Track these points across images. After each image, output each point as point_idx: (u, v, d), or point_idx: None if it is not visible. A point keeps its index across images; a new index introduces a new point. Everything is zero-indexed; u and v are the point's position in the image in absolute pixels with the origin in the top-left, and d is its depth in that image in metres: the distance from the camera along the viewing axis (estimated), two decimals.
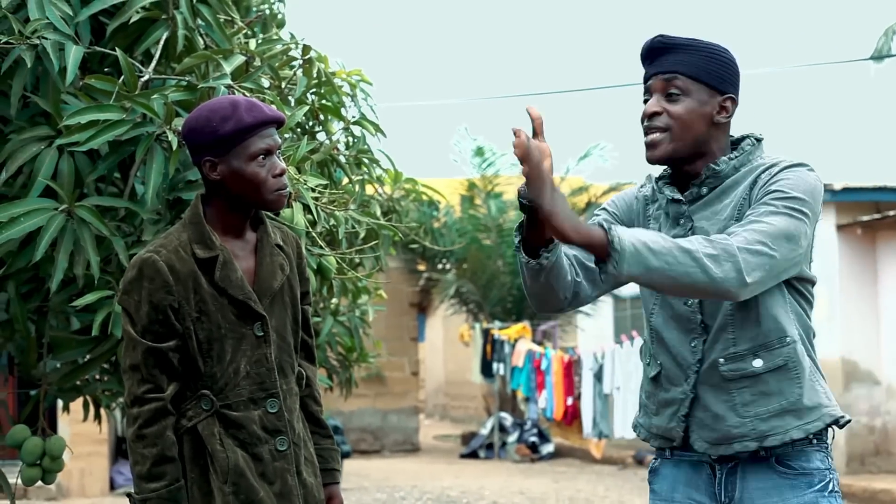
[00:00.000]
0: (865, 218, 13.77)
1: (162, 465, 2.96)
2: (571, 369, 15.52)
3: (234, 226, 3.10)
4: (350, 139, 4.59)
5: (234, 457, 3.02)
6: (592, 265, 2.94)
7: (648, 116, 2.95)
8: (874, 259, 14.03)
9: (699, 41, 2.97)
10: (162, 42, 3.77)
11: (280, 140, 3.07)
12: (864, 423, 13.82)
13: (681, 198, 2.98)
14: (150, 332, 2.99)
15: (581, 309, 20.46)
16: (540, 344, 17.87)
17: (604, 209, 3.16)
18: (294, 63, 4.31)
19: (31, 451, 4.02)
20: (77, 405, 4.68)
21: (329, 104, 4.33)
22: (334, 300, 5.08)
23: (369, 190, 5.25)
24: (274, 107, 3.05)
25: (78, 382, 4.24)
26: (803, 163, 2.89)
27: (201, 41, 3.95)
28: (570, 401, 15.48)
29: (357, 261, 4.75)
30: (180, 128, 3.41)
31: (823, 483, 2.89)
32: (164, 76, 3.79)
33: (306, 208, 3.80)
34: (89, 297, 3.55)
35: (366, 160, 4.59)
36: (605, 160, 20.27)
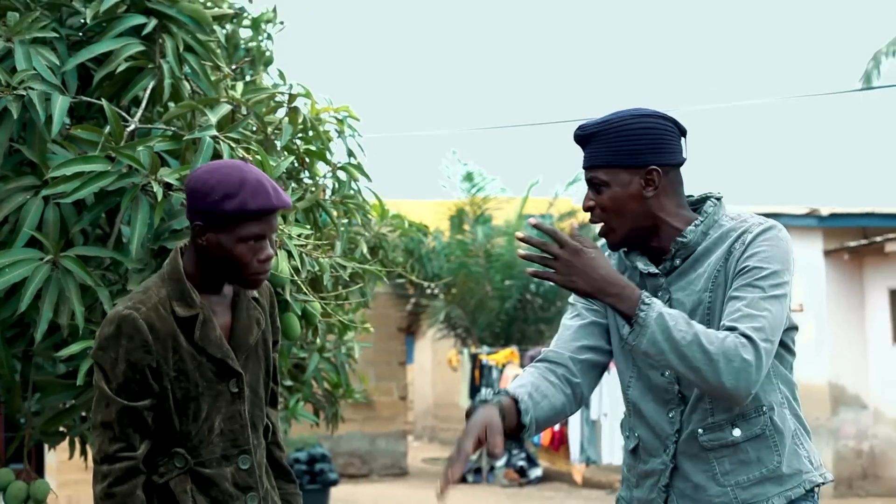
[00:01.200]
0: (853, 244, 13.83)
1: None
2: None
3: (212, 282, 3.07)
4: (336, 183, 4.61)
5: None
6: (583, 357, 3.06)
7: (586, 211, 2.98)
8: (861, 284, 14.10)
9: (611, 121, 2.92)
10: (149, 90, 3.80)
11: (278, 222, 3.04)
12: (852, 446, 13.87)
13: (657, 271, 2.98)
14: (125, 390, 2.94)
15: None
16: None
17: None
18: (280, 108, 4.34)
19: (16, 494, 4.02)
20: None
21: (314, 149, 4.35)
22: (319, 340, 5.10)
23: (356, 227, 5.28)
24: (281, 192, 3.01)
25: (62, 427, 4.25)
26: (772, 224, 2.90)
27: (188, 87, 3.99)
28: (557, 426, 15.46)
29: (343, 298, 4.78)
30: (167, 179, 3.45)
31: None
32: (149, 126, 3.81)
33: (290, 255, 3.82)
34: (73, 348, 3.55)
35: (352, 205, 4.61)
36: None
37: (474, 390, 18.36)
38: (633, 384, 3.06)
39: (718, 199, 3.01)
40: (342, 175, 4.60)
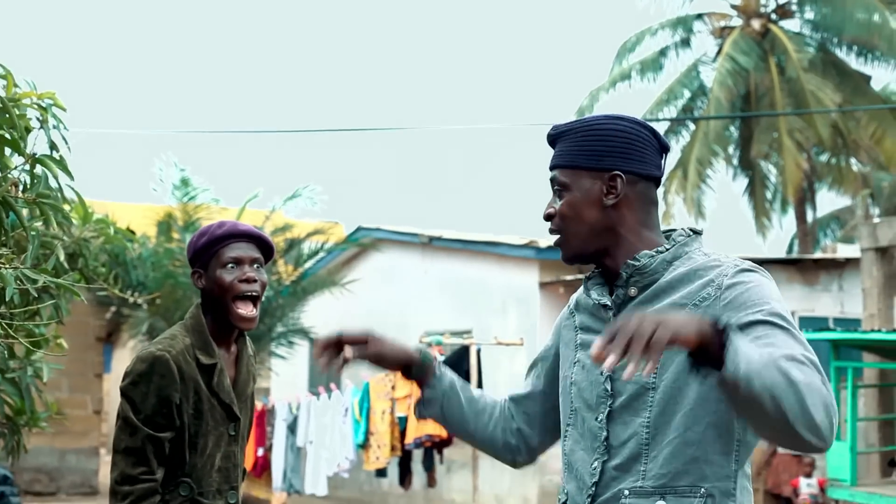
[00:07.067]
0: (569, 277, 13.92)
1: None
2: (264, 419, 14.86)
3: (223, 337, 3.58)
4: (31, 179, 3.95)
5: None
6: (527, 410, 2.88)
7: (546, 219, 2.69)
8: None
9: (583, 121, 2.66)
10: None
11: (258, 254, 3.55)
12: (557, 482, 13.87)
13: (608, 302, 2.61)
14: (151, 422, 3.37)
15: (275, 351, 19.96)
16: None
17: (544, 347, 2.91)
18: None
19: None
20: None
21: (8, 137, 3.70)
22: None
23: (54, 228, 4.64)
24: (251, 225, 3.64)
25: None
26: (752, 268, 2.49)
27: None
28: (261, 451, 14.81)
29: (32, 314, 4.18)
30: None
31: None
32: None
33: None
34: None
35: (46, 205, 3.95)
36: (313, 202, 19.96)
37: None
38: (570, 431, 2.69)
39: (695, 231, 2.65)
40: (39, 170, 3.94)
